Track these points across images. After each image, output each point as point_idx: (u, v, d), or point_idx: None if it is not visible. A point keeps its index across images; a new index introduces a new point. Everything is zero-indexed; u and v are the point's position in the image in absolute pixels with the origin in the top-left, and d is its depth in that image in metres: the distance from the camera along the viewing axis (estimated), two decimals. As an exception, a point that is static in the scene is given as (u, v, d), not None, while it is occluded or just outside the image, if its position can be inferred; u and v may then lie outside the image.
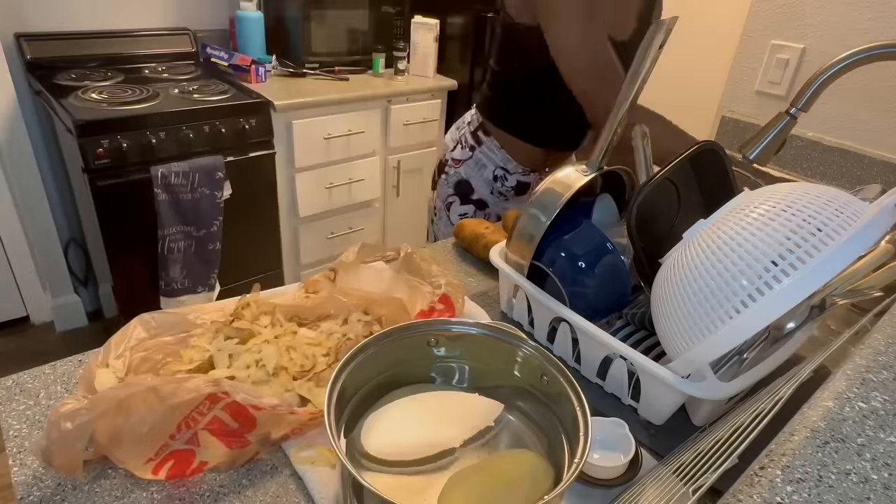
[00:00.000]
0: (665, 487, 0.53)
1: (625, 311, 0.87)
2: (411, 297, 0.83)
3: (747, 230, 0.60)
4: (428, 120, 2.37)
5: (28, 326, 2.26)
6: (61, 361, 0.77)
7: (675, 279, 0.65)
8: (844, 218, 0.57)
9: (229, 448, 0.62)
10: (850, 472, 0.43)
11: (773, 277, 0.57)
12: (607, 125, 0.80)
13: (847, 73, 0.85)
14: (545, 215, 0.79)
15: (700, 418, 0.74)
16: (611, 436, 0.67)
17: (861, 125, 1.29)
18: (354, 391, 0.62)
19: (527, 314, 0.90)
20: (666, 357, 0.72)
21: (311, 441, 0.67)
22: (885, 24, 1.22)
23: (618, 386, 0.78)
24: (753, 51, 1.44)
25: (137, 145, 1.70)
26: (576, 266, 0.80)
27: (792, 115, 0.90)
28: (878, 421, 0.48)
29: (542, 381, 0.62)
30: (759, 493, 0.41)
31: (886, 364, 0.55)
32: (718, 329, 0.60)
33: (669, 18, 0.74)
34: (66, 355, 0.78)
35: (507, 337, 0.65)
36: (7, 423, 0.67)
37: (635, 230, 0.79)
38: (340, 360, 0.59)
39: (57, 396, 0.72)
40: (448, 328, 0.66)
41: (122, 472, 0.63)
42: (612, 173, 0.85)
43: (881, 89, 1.25)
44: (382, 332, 0.63)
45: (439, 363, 0.68)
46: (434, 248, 1.15)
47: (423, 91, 2.31)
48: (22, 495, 0.59)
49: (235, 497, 0.62)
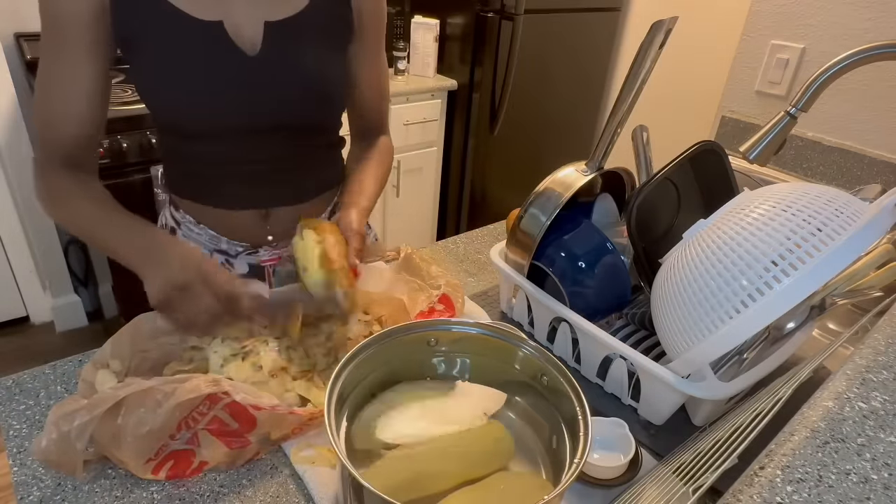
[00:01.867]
0: (665, 487, 0.53)
1: (625, 311, 0.87)
2: (411, 297, 0.83)
3: (747, 230, 0.60)
4: (428, 120, 2.37)
5: (28, 326, 2.26)
6: (61, 361, 0.77)
7: (675, 279, 0.65)
8: (844, 218, 0.57)
9: (229, 448, 0.62)
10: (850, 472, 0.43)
11: (773, 277, 0.57)
12: (608, 125, 0.80)
13: (847, 73, 0.85)
14: (545, 215, 0.79)
15: (700, 418, 0.74)
16: (611, 436, 0.67)
17: (861, 125, 1.29)
18: (354, 391, 0.62)
19: (527, 314, 0.90)
20: (666, 357, 0.72)
21: (311, 441, 0.67)
22: (885, 24, 1.22)
23: (618, 386, 0.78)
24: (753, 51, 1.44)
25: (137, 145, 1.70)
26: (576, 266, 0.80)
27: (792, 115, 0.90)
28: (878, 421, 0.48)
29: (542, 380, 0.62)
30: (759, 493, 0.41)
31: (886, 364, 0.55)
32: (718, 329, 0.60)
33: (669, 18, 0.74)
34: (66, 355, 0.78)
35: (507, 337, 0.65)
36: (7, 423, 0.67)
37: (635, 230, 0.79)
38: (340, 360, 0.59)
39: (57, 396, 0.72)
40: (448, 328, 0.66)
41: (122, 472, 0.63)
42: (612, 173, 0.85)
43: (881, 89, 1.25)
44: (382, 332, 0.63)
45: (439, 363, 0.68)
46: (434, 248, 1.15)
47: (423, 91, 2.31)
48: (22, 495, 0.59)
49: (235, 497, 0.62)
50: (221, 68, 0.76)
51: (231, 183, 0.85)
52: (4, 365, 2.06)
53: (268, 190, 0.87)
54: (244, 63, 0.76)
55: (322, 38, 0.81)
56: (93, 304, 2.32)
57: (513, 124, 2.45)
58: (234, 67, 0.76)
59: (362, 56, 0.88)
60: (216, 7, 0.74)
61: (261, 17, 0.76)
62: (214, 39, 0.74)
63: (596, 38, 2.61)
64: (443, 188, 2.61)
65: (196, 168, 0.85)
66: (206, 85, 0.76)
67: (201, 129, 0.80)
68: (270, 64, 0.77)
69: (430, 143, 2.45)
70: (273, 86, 0.78)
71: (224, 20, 0.74)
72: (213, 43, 0.74)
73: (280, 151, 0.84)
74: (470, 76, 2.33)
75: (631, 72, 0.76)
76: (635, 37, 2.65)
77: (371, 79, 0.92)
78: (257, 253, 0.92)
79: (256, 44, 0.76)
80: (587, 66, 2.66)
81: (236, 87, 0.77)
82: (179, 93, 0.76)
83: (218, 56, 0.75)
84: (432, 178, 2.55)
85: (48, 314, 2.26)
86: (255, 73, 0.77)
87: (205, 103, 0.77)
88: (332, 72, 0.83)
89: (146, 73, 0.76)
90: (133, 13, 0.72)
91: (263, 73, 0.77)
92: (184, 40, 0.74)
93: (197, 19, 0.73)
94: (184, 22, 0.73)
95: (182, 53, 0.74)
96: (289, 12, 0.77)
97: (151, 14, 0.72)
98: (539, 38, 2.35)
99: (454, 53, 2.38)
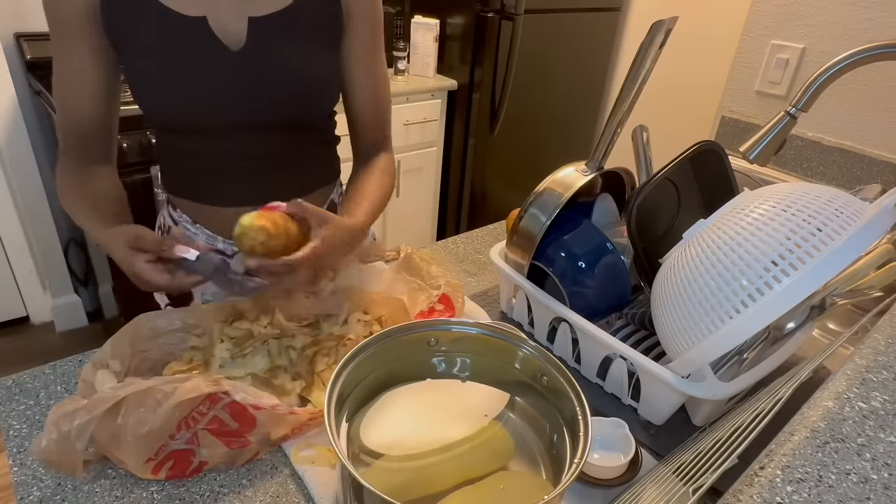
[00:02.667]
0: (665, 487, 0.53)
1: (625, 311, 0.87)
2: (411, 297, 0.83)
3: (747, 230, 0.60)
4: (428, 120, 2.37)
5: (28, 326, 2.26)
6: (61, 361, 0.77)
7: (675, 279, 0.65)
8: (844, 218, 0.57)
9: (229, 448, 0.62)
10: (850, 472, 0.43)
11: (773, 277, 0.57)
12: (608, 125, 0.80)
13: (847, 73, 0.85)
14: (545, 215, 0.78)
15: (700, 418, 0.74)
16: (611, 436, 0.67)
17: (861, 125, 1.29)
18: (354, 391, 0.62)
19: (527, 314, 0.90)
20: (666, 357, 0.72)
21: (311, 441, 0.67)
22: (885, 24, 1.22)
23: (618, 386, 0.78)
24: (753, 51, 1.44)
25: (137, 145, 1.70)
26: (576, 266, 0.80)
27: (792, 115, 0.90)
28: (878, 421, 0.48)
29: (542, 380, 0.62)
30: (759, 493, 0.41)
31: (886, 364, 0.55)
32: (718, 329, 0.60)
33: (669, 18, 0.74)
34: (66, 355, 0.78)
35: (507, 337, 0.65)
36: (7, 423, 0.67)
37: (635, 230, 0.79)
38: (340, 360, 0.59)
39: (57, 396, 0.72)
40: (448, 328, 0.66)
41: (122, 472, 0.63)
42: (612, 173, 0.85)
43: (881, 89, 1.25)
44: (382, 332, 0.63)
45: (439, 363, 0.68)
46: (434, 248, 1.15)
47: (423, 91, 2.31)
48: (22, 495, 0.59)
49: (235, 497, 0.62)
50: (205, 64, 0.76)
51: (224, 180, 0.85)
52: (4, 365, 2.06)
53: (261, 187, 0.86)
54: (228, 58, 0.76)
55: (308, 35, 0.80)
56: (93, 304, 2.32)
57: (513, 124, 2.45)
58: (217, 63, 0.76)
59: (355, 61, 0.87)
60: (201, 3, 0.74)
61: (245, 12, 0.76)
62: (198, 35, 0.74)
63: (596, 38, 2.61)
64: (443, 188, 2.61)
65: (188, 165, 0.86)
66: (191, 81, 0.76)
67: (190, 125, 0.80)
68: (254, 60, 0.77)
69: (430, 143, 2.46)
70: (257, 82, 0.78)
71: (208, 16, 0.74)
72: (197, 38, 0.75)
73: (271, 149, 0.84)
74: (470, 76, 2.33)
75: (631, 72, 0.76)
76: (635, 37, 2.65)
77: (366, 91, 0.90)
78: None
79: (241, 39, 0.76)
80: (587, 66, 2.66)
81: (221, 83, 0.77)
82: (165, 89, 0.77)
83: (202, 52, 0.75)
84: (432, 178, 2.55)
85: (48, 314, 2.26)
86: (238, 68, 0.77)
87: (190, 99, 0.77)
88: (319, 69, 0.83)
89: (135, 70, 0.77)
90: (121, 10, 0.73)
91: (247, 69, 0.77)
92: (168, 36, 0.74)
93: (181, 15, 0.73)
94: (168, 18, 0.73)
95: (166, 49, 0.75)
96: (274, 8, 0.77)
97: (138, 10, 0.73)
98: (539, 38, 2.35)
99: (454, 53, 2.38)
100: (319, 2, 0.80)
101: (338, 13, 0.82)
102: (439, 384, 0.67)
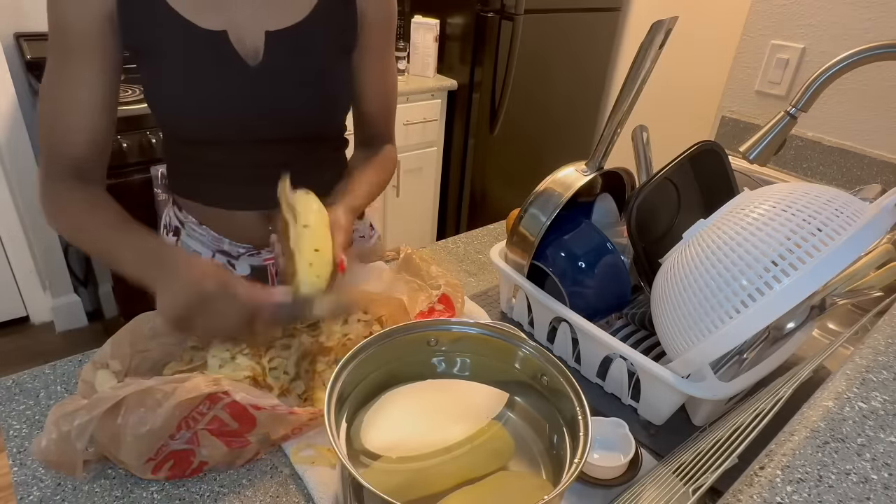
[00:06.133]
0: (665, 487, 0.53)
1: (625, 311, 0.87)
2: (411, 297, 0.83)
3: (747, 230, 0.60)
4: (428, 120, 2.37)
5: (28, 326, 2.26)
6: (61, 361, 0.77)
7: (675, 279, 0.65)
8: (844, 218, 0.57)
9: (229, 448, 0.62)
10: (850, 472, 0.43)
11: (773, 277, 0.57)
12: (608, 125, 0.80)
13: (847, 73, 0.85)
14: (545, 215, 0.79)
15: (700, 418, 0.74)
16: (611, 436, 0.67)
17: (861, 125, 1.29)
18: (354, 391, 0.62)
19: (527, 314, 0.90)
20: (666, 357, 0.72)
21: (311, 441, 0.67)
22: (885, 24, 1.22)
23: (618, 386, 0.78)
24: (753, 51, 1.44)
25: (137, 145, 1.70)
26: (576, 266, 0.80)
27: (792, 115, 0.90)
28: (878, 421, 0.48)
29: (542, 380, 0.62)
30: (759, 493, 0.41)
31: (886, 364, 0.55)
32: (718, 329, 0.60)
33: (669, 18, 0.74)
34: (66, 355, 0.78)
35: (507, 337, 0.65)
36: (7, 423, 0.67)
37: (635, 230, 0.79)
38: (340, 360, 0.59)
39: (57, 396, 0.72)
40: (448, 328, 0.66)
41: (122, 472, 0.63)
42: (612, 173, 0.85)
43: (881, 89, 1.25)
44: (382, 332, 0.63)
45: (439, 363, 0.68)
46: (434, 248, 1.15)
47: (423, 91, 2.31)
48: (22, 495, 0.59)
49: (235, 497, 0.62)
50: (224, 79, 0.76)
51: (234, 185, 0.85)
52: (4, 365, 2.06)
53: (271, 191, 0.86)
54: (246, 74, 0.76)
55: (325, 47, 0.80)
56: (93, 304, 2.32)
57: (513, 124, 2.45)
58: (236, 77, 0.76)
59: (368, 64, 0.87)
60: (221, 16, 0.74)
61: (262, 26, 0.76)
62: (218, 49, 0.74)
63: (596, 38, 2.62)
64: (443, 188, 2.61)
65: (199, 171, 0.85)
66: (210, 94, 0.76)
67: (204, 136, 0.80)
68: (272, 73, 0.77)
69: (430, 143, 2.46)
70: (275, 95, 0.78)
71: (228, 29, 0.74)
72: (216, 52, 0.74)
73: (283, 157, 0.84)
74: (470, 76, 2.33)
75: (631, 72, 0.76)
76: (635, 37, 2.65)
77: (377, 88, 0.91)
78: (259, 254, 0.91)
79: (258, 54, 0.76)
80: (587, 66, 2.66)
81: (239, 97, 0.77)
82: (183, 101, 0.76)
83: (221, 65, 0.75)
84: (432, 178, 2.55)
85: (48, 314, 2.26)
86: (257, 82, 0.77)
87: (208, 112, 0.77)
88: (335, 80, 0.83)
89: (152, 80, 0.76)
90: (139, 22, 0.71)
91: (265, 83, 0.77)
92: (188, 49, 0.74)
93: (202, 28, 0.73)
94: (189, 30, 0.73)
95: (186, 62, 0.74)
96: (290, 21, 0.77)
97: (157, 23, 0.72)
98: (539, 38, 2.35)
99: (454, 53, 2.38)
100: (335, 12, 0.80)
101: (353, 22, 0.82)
102: (439, 384, 0.67)
